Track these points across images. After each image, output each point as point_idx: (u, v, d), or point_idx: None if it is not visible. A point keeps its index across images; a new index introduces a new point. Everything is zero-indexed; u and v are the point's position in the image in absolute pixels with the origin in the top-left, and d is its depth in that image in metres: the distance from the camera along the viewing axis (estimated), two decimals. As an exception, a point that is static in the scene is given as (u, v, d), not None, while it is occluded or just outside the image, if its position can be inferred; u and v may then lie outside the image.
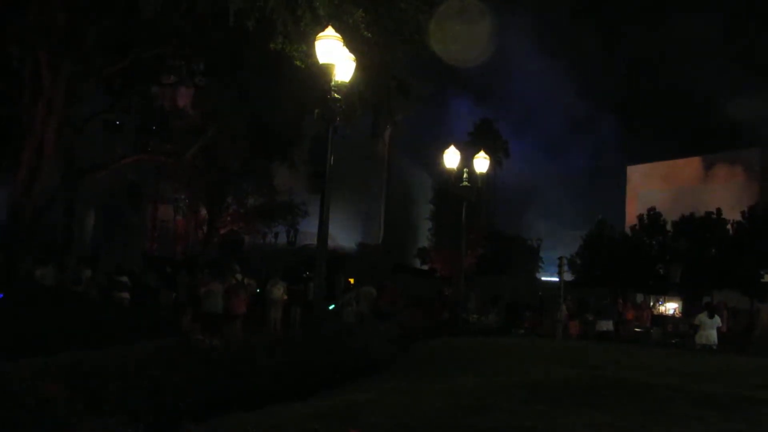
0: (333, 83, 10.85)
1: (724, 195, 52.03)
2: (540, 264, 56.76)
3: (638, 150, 66.33)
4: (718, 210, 38.79)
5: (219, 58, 17.03)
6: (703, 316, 17.47)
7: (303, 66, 13.65)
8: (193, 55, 18.33)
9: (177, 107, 25.27)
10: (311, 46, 11.53)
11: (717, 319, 17.57)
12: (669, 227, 39.73)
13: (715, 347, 16.82)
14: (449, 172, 18.02)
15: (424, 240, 50.37)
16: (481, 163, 18.48)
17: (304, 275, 24.84)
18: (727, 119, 65.41)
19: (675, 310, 34.54)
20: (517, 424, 5.47)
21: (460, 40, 16.71)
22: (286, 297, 19.73)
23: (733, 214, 38.30)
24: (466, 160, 18.50)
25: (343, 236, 47.08)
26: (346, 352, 8.93)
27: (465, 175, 18.14)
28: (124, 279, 18.93)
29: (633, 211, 53.62)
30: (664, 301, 36.67)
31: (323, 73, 10.91)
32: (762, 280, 32.91)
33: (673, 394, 6.86)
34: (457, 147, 18.30)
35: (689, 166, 59.33)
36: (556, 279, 23.27)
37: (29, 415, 4.37)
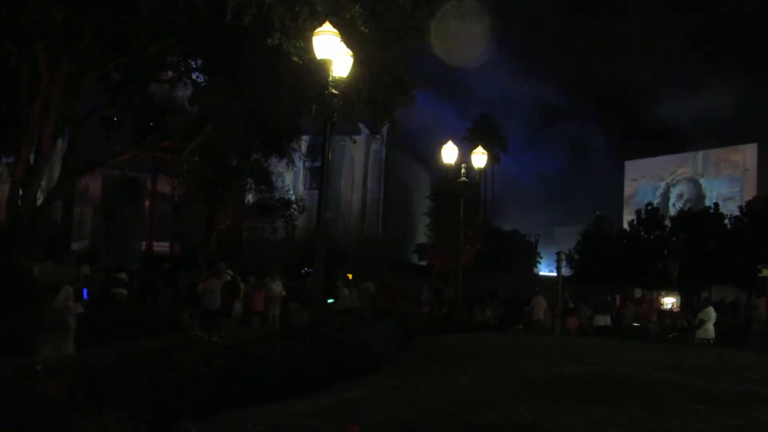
0: (331, 79, 10.81)
1: (722, 189, 52.12)
2: (538, 259, 56.86)
3: (636, 145, 66.48)
4: (716, 205, 38.85)
5: (216, 54, 17.00)
6: (710, 311, 17.52)
7: (300, 62, 13.63)
8: (191, 52, 18.29)
9: (175, 103, 25.18)
10: (309, 42, 11.50)
11: (715, 314, 17.68)
12: (667, 222, 39.76)
13: (712, 341, 16.91)
14: (447, 167, 17.96)
15: (423, 236, 50.28)
16: (479, 158, 18.41)
17: (303, 271, 24.84)
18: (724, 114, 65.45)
19: (672, 305, 34.58)
20: (518, 421, 5.45)
21: (457, 37, 16.71)
22: (284, 293, 19.76)
23: (730, 209, 38.35)
24: (465, 156, 18.45)
25: (341, 232, 47.11)
26: (345, 349, 8.91)
27: (463, 171, 18.08)
28: (123, 276, 18.94)
29: (631, 206, 53.65)
30: (663, 296, 36.73)
31: (321, 68, 10.88)
32: (760, 275, 32.91)
33: (672, 389, 6.85)
34: (456, 143, 18.24)
35: (687, 161, 59.44)
36: (555, 274, 23.29)
37: (28, 413, 4.36)
